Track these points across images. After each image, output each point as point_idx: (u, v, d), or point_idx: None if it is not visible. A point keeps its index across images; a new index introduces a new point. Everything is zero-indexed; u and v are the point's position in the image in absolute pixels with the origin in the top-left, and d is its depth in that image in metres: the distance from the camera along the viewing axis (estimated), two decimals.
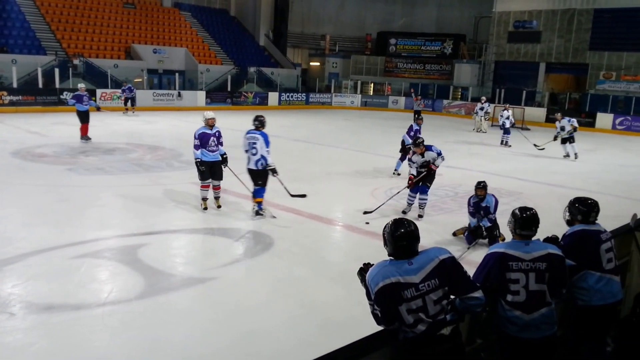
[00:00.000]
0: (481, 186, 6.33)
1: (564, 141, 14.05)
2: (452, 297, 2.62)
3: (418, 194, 7.54)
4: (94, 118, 16.83)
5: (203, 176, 7.29)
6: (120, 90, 20.44)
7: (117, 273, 5.25)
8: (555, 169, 12.43)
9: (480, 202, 6.35)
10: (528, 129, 22.19)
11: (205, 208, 7.35)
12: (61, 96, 20.61)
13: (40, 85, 20.64)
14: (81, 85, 13.77)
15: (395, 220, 2.71)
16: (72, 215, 6.98)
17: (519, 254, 2.91)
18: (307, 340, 4.12)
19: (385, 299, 2.51)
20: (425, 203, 7.59)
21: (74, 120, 13.18)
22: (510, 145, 15.95)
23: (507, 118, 16.33)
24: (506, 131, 16.29)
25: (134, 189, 8.64)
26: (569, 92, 28.32)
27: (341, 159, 12.61)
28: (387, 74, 33.79)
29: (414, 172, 7.47)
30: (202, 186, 7.39)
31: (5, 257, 5.39)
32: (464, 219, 6.79)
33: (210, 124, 7.37)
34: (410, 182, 7.44)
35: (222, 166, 7.43)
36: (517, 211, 3.08)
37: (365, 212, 7.36)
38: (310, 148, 14.15)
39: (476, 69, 31.03)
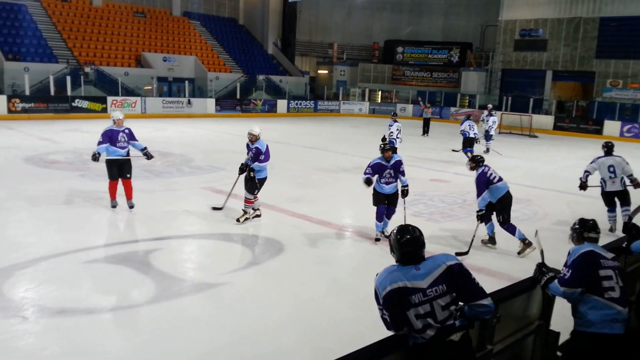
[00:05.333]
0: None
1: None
2: (460, 303, 2.63)
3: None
4: (98, 124, 16.99)
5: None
6: None
7: (128, 278, 5.29)
8: (565, 176, 12.36)
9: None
10: (536, 137, 22.17)
11: None
12: (72, 103, 20.89)
13: (52, 93, 20.91)
14: None
15: (400, 226, 2.74)
16: (83, 221, 7.05)
17: (603, 252, 3.08)
18: (317, 345, 4.14)
19: (392, 304, 2.54)
20: None
21: (85, 127, 13.34)
22: (487, 151, 15.42)
23: (494, 123, 15.90)
24: (489, 137, 15.76)
25: (145, 194, 8.70)
26: (576, 99, 28.27)
27: (349, 165, 12.64)
28: (395, 81, 33.88)
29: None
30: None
31: (17, 261, 5.46)
32: (471, 226, 6.79)
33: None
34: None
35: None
36: (580, 220, 3.30)
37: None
38: (319, 154, 14.21)
39: (483, 76, 31.06)
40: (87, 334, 4.15)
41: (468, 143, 13.77)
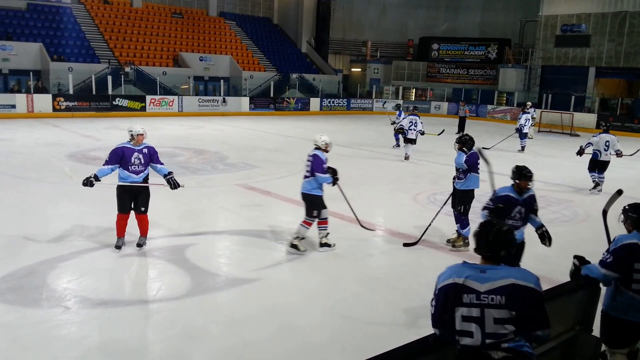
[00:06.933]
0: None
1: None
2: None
3: None
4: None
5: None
6: None
7: (165, 271, 5.43)
8: (609, 176, 11.88)
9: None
10: (577, 135, 21.44)
11: None
12: (113, 102, 21.55)
13: (94, 92, 21.62)
14: None
15: (486, 221, 2.63)
16: None
17: None
18: (349, 344, 4.13)
19: (444, 297, 2.42)
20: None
21: (124, 125, 13.68)
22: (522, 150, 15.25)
23: (527, 121, 15.46)
24: (523, 136, 15.43)
25: (181, 190, 8.85)
26: (621, 97, 27.16)
27: (382, 163, 12.57)
28: (430, 79, 33.44)
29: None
30: None
31: (61, 253, 5.69)
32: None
33: None
34: None
35: None
36: (634, 206, 3.22)
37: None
38: (352, 153, 14.16)
39: (522, 73, 30.26)
40: (125, 325, 4.27)
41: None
